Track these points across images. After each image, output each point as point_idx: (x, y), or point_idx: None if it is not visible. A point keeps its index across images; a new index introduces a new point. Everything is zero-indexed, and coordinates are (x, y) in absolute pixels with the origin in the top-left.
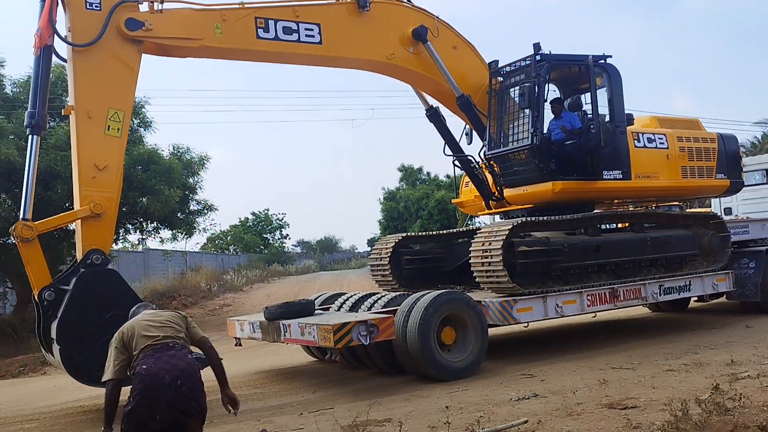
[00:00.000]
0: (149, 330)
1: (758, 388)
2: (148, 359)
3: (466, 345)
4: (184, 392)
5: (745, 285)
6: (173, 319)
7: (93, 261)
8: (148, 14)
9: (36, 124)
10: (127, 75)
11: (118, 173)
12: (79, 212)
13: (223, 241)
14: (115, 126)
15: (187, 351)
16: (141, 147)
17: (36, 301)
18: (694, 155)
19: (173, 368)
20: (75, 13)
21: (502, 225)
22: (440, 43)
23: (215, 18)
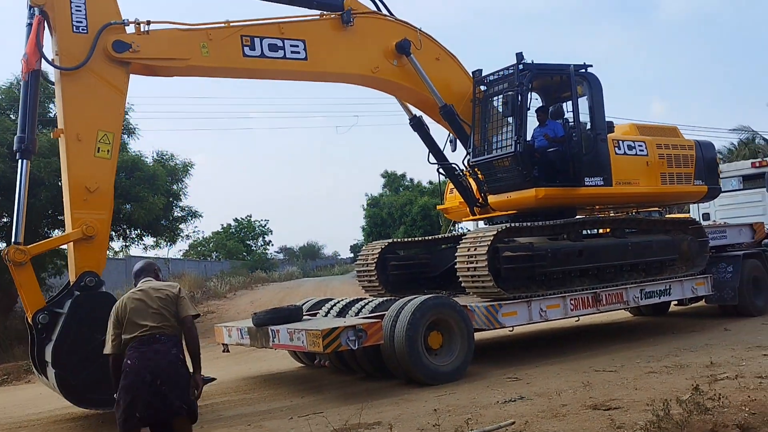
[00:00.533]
0: (140, 316)
1: (736, 389)
2: (134, 353)
3: (452, 349)
4: (164, 392)
5: (724, 289)
6: (166, 302)
7: (87, 283)
8: (134, 36)
9: (26, 148)
10: (116, 97)
11: (109, 195)
12: (71, 235)
13: (206, 248)
14: (104, 148)
15: (172, 344)
16: (125, 154)
17: (30, 324)
18: (673, 162)
19: (155, 366)
20: (62, 36)
21: (486, 231)
22: (423, 55)
23: (201, 37)
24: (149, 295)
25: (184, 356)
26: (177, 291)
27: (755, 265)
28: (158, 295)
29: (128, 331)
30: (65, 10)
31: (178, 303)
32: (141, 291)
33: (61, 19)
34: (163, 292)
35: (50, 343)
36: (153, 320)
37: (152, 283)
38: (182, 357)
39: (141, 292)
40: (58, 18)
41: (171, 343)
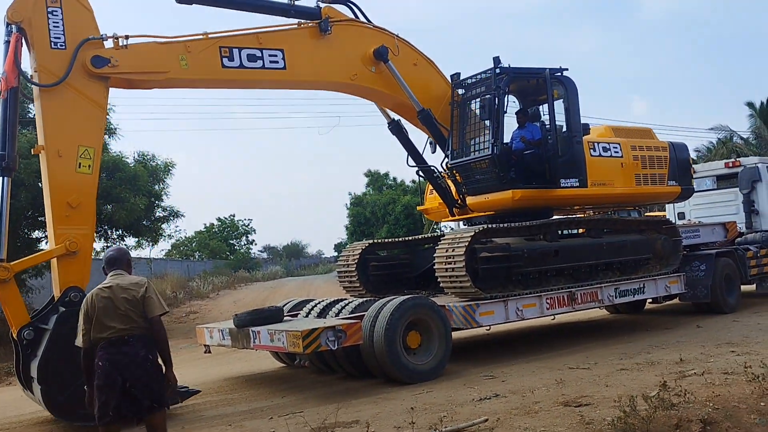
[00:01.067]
0: (108, 317)
1: (703, 385)
2: (104, 354)
3: (430, 348)
4: (133, 393)
5: (697, 287)
6: (132, 303)
7: (71, 299)
8: (113, 50)
9: (6, 166)
10: (96, 112)
11: (91, 209)
12: (54, 251)
13: (189, 248)
14: (86, 163)
15: (141, 345)
16: (105, 155)
17: (14, 340)
18: (647, 163)
19: (124, 369)
20: (40, 52)
21: (464, 232)
22: (401, 61)
23: (180, 50)
24: (116, 296)
25: (154, 355)
26: (144, 291)
27: (727, 264)
28: (125, 296)
29: (97, 329)
30: (43, 26)
31: (144, 304)
32: (109, 289)
33: (38, 35)
34: (129, 293)
35: (35, 359)
36: (120, 322)
37: (120, 280)
38: (151, 357)
39: (109, 290)
40: (35, 34)
41: (140, 345)
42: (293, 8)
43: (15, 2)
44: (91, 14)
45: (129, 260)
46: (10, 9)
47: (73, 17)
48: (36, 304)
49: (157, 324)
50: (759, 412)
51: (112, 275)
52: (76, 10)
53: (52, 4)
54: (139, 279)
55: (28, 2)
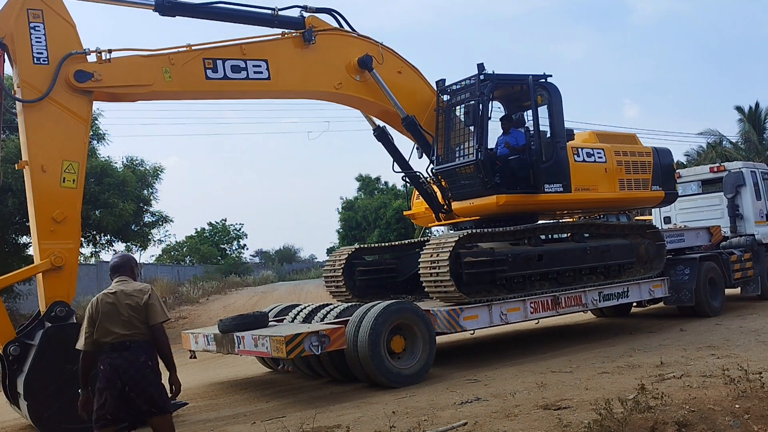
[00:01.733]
0: (111, 322)
1: (681, 387)
2: (106, 358)
3: (414, 353)
4: (132, 398)
5: (681, 290)
6: (135, 310)
7: (57, 314)
8: (96, 64)
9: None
10: (79, 126)
11: (76, 224)
12: (39, 266)
13: (179, 253)
14: (70, 177)
15: (141, 351)
16: (94, 160)
17: (1, 356)
18: (631, 168)
19: (123, 373)
20: (23, 68)
21: (449, 237)
22: (385, 69)
23: (163, 62)
24: (120, 302)
25: (154, 362)
26: (147, 298)
27: (711, 267)
28: (128, 302)
29: (100, 334)
30: (25, 41)
31: (147, 310)
32: (113, 294)
33: (21, 50)
34: (133, 299)
35: (22, 374)
36: (123, 328)
37: (125, 287)
38: (151, 363)
39: (113, 296)
40: (18, 50)
41: (140, 351)
42: (277, 18)
43: None
44: (73, 29)
45: (133, 267)
46: None
47: (55, 32)
48: (23, 309)
49: (159, 331)
50: (733, 414)
51: (117, 281)
52: (58, 25)
53: (35, 19)
54: (143, 286)
55: (9, 18)
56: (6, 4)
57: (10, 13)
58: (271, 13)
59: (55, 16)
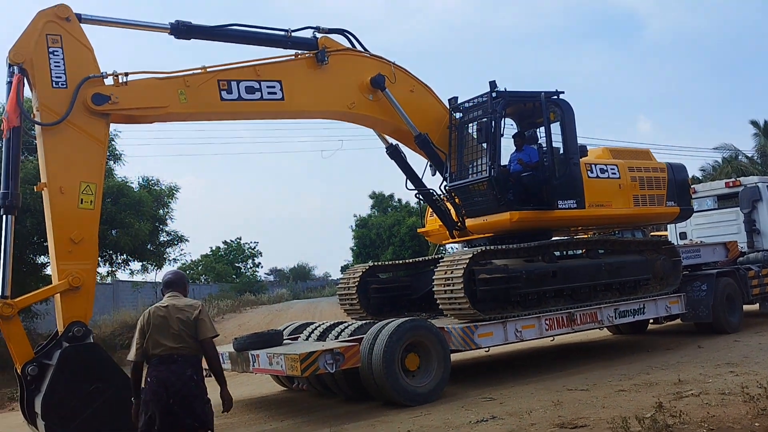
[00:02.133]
0: (161, 335)
1: (699, 405)
2: (153, 371)
3: (429, 370)
4: (176, 411)
5: (698, 307)
6: (185, 324)
7: (74, 333)
8: (113, 87)
9: (9, 204)
10: (97, 148)
11: (93, 244)
12: (58, 287)
13: (194, 271)
14: (87, 199)
15: (188, 365)
16: (110, 180)
17: (19, 376)
18: (645, 184)
19: (170, 386)
20: (42, 91)
21: (463, 254)
22: (398, 88)
23: (179, 84)
24: (171, 315)
25: (199, 376)
26: (197, 313)
27: (729, 283)
28: (179, 316)
29: (150, 346)
30: (44, 66)
31: (197, 326)
32: (165, 308)
33: (40, 75)
34: (183, 314)
35: (39, 394)
36: (172, 341)
37: (177, 301)
38: (197, 377)
39: (165, 310)
40: (37, 74)
41: (187, 364)
42: (290, 40)
43: (17, 44)
44: (91, 53)
45: (185, 283)
46: (12, 51)
47: (73, 56)
48: (41, 329)
49: (209, 345)
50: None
51: (168, 296)
52: (76, 50)
53: (53, 44)
54: (193, 302)
55: (29, 43)
56: (26, 30)
57: (29, 39)
58: (285, 35)
59: (73, 41)
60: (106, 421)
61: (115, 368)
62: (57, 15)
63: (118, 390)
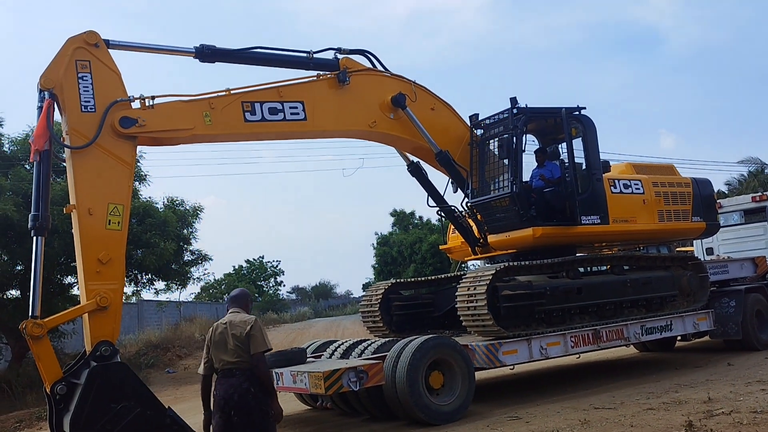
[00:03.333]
0: (220, 351)
1: (730, 424)
2: (217, 384)
3: (453, 389)
4: (235, 421)
5: (727, 323)
6: (239, 340)
7: (102, 353)
8: (140, 111)
9: (40, 226)
10: (124, 170)
11: (121, 265)
12: (86, 307)
13: (218, 290)
14: (115, 220)
15: (244, 378)
16: (136, 201)
17: (48, 395)
18: (670, 199)
19: (230, 398)
20: (71, 116)
21: (486, 270)
22: (418, 106)
23: (204, 107)
24: (228, 331)
25: (257, 388)
26: (249, 329)
27: (758, 299)
28: (234, 332)
29: (214, 360)
30: (74, 90)
31: (249, 340)
32: (225, 325)
33: (70, 99)
34: (238, 330)
35: (68, 413)
36: (230, 356)
37: (234, 317)
38: (254, 389)
39: (224, 327)
40: (67, 99)
41: (243, 378)
42: (312, 61)
43: (47, 70)
44: (118, 77)
45: (248, 301)
46: (42, 77)
47: (101, 81)
48: (68, 348)
49: (258, 359)
50: None
51: (231, 312)
52: (104, 74)
53: (82, 70)
54: (248, 318)
55: (59, 69)
56: (56, 57)
57: (59, 65)
58: (306, 56)
59: (101, 66)
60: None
61: (142, 387)
62: (86, 41)
63: (145, 409)
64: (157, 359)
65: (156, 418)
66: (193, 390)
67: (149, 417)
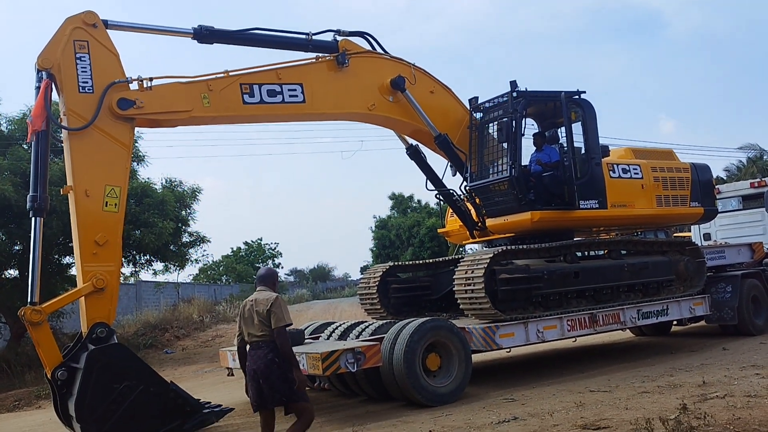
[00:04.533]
0: (248, 325)
1: (724, 408)
2: (248, 356)
3: (450, 371)
4: (262, 387)
5: (723, 308)
6: (262, 315)
7: (98, 335)
8: (138, 92)
9: (38, 207)
10: (121, 152)
11: (117, 247)
12: (83, 290)
13: (216, 272)
14: (112, 202)
15: (269, 350)
16: (134, 181)
17: (50, 380)
18: (668, 184)
19: (258, 369)
20: (69, 96)
21: (483, 253)
22: (418, 89)
23: (202, 89)
24: (254, 308)
25: (280, 359)
26: (269, 306)
27: (754, 285)
28: (258, 309)
29: (245, 334)
30: (71, 71)
31: (269, 316)
32: (252, 302)
33: (67, 80)
34: (261, 307)
35: (72, 397)
36: (255, 330)
37: (260, 295)
38: (277, 360)
39: (251, 303)
40: (65, 79)
41: (268, 349)
42: (311, 43)
43: (45, 50)
44: (116, 58)
45: (275, 280)
46: (40, 57)
47: (99, 62)
48: (67, 328)
49: (278, 333)
50: None
51: (258, 290)
52: (102, 56)
53: (80, 50)
54: (270, 295)
55: (57, 50)
56: (54, 37)
57: (57, 45)
58: (306, 38)
59: (99, 47)
60: (140, 417)
61: (142, 365)
62: (84, 21)
63: (148, 385)
64: (155, 340)
65: (160, 393)
66: (191, 370)
67: (153, 393)
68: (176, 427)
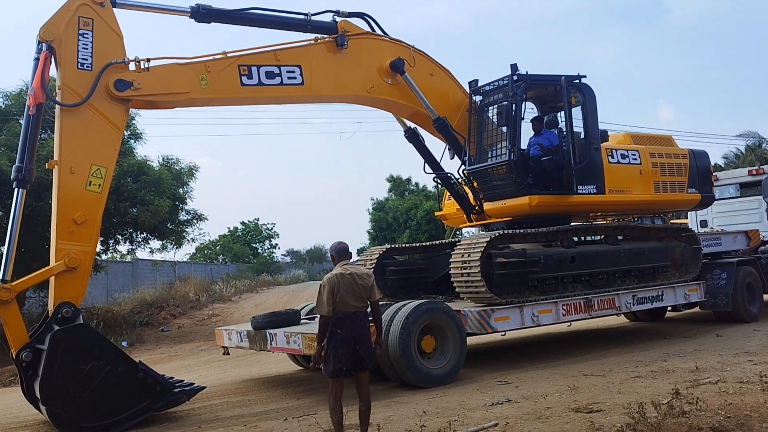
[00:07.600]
0: (349, 296)
1: (716, 393)
2: (342, 324)
3: (445, 353)
4: (360, 353)
5: (718, 295)
6: (364, 289)
7: (63, 315)
8: (135, 73)
9: (23, 178)
10: (113, 133)
11: (96, 228)
12: (54, 268)
13: (212, 251)
14: (96, 182)
15: (366, 319)
16: (131, 158)
17: (15, 361)
18: (666, 170)
19: (357, 336)
20: (66, 71)
21: (480, 237)
22: (417, 72)
23: (200, 70)
24: (355, 281)
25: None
26: (371, 281)
27: (749, 272)
28: (361, 283)
29: (340, 304)
30: (72, 46)
31: (370, 291)
32: (350, 275)
33: (67, 54)
34: (364, 281)
35: (37, 379)
36: (357, 302)
37: (355, 270)
38: (369, 328)
39: (350, 277)
40: (64, 54)
41: (365, 318)
42: (310, 24)
43: (49, 22)
44: (120, 39)
45: (350, 253)
46: (43, 28)
47: (102, 41)
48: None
49: (376, 304)
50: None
51: (344, 263)
52: (106, 35)
53: (85, 27)
54: (367, 271)
55: (61, 23)
56: (59, 10)
57: (61, 18)
58: (304, 19)
59: (104, 25)
60: (108, 397)
61: (109, 345)
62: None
63: (115, 366)
64: (151, 318)
65: (128, 373)
66: (187, 348)
67: (121, 373)
68: (146, 407)
